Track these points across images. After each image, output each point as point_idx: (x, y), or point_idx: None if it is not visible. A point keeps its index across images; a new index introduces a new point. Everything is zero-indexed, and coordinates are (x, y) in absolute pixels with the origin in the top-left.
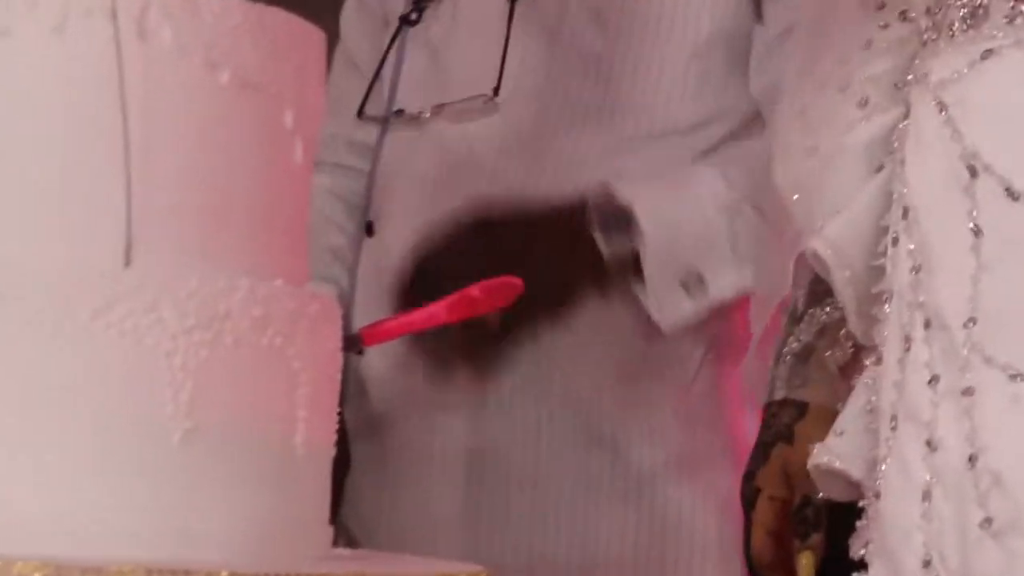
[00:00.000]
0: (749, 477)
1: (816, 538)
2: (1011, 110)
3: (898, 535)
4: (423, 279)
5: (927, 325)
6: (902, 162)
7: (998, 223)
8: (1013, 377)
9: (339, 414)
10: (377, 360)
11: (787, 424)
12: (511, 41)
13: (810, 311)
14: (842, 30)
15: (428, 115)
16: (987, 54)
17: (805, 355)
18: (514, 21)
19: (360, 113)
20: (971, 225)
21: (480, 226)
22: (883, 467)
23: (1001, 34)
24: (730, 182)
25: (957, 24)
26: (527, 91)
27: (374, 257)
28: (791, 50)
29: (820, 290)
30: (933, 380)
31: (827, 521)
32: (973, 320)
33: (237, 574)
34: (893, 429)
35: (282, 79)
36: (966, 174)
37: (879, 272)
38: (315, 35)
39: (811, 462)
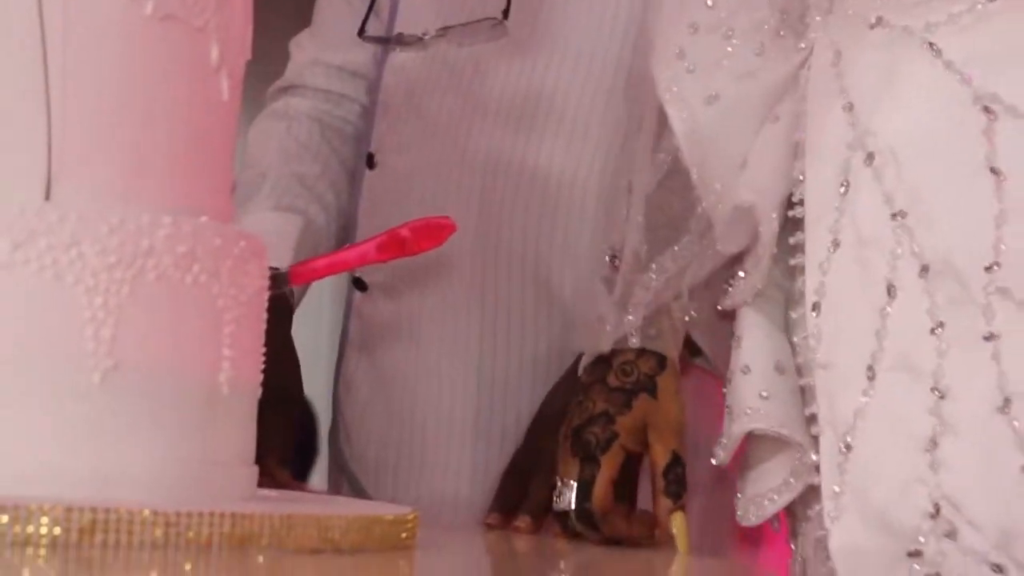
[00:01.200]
0: (608, 419)
1: (685, 498)
2: None
3: (890, 488)
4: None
5: (924, 272)
6: (848, 107)
7: None
8: None
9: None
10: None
11: (648, 375)
12: None
13: (657, 259)
14: None
15: (432, 36)
16: None
17: (655, 305)
18: None
19: (361, 33)
20: (990, 168)
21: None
22: (856, 420)
23: None
24: None
25: None
26: (535, 17)
27: (377, 191)
28: None
29: (661, 237)
30: (937, 327)
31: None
32: (997, 264)
33: (158, 513)
34: (871, 379)
35: (207, 12)
36: (982, 117)
37: (794, 223)
38: None
39: (741, 428)
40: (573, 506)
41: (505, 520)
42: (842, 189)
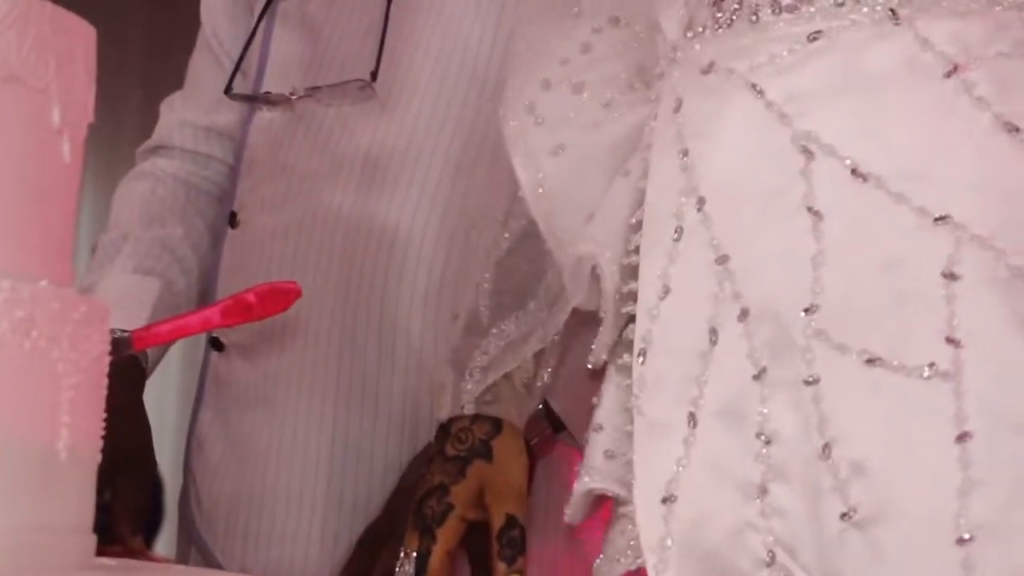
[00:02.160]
0: (443, 491)
1: (522, 561)
2: (851, 92)
3: (723, 536)
4: None
5: (744, 315)
6: (684, 153)
7: (842, 206)
8: (870, 362)
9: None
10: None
11: (483, 440)
12: (390, 20)
13: (499, 324)
14: (553, 32)
15: (299, 96)
16: (816, 36)
17: (495, 370)
18: (393, 1)
19: (227, 91)
20: (807, 208)
21: None
22: (679, 469)
23: (828, 16)
24: None
25: (764, 10)
26: (403, 79)
27: (238, 251)
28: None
29: (505, 303)
30: (761, 373)
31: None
32: (815, 307)
33: None
34: (692, 427)
35: (48, 74)
36: (800, 157)
37: (630, 271)
38: (84, 29)
39: (582, 487)
40: None
41: None
42: (675, 236)
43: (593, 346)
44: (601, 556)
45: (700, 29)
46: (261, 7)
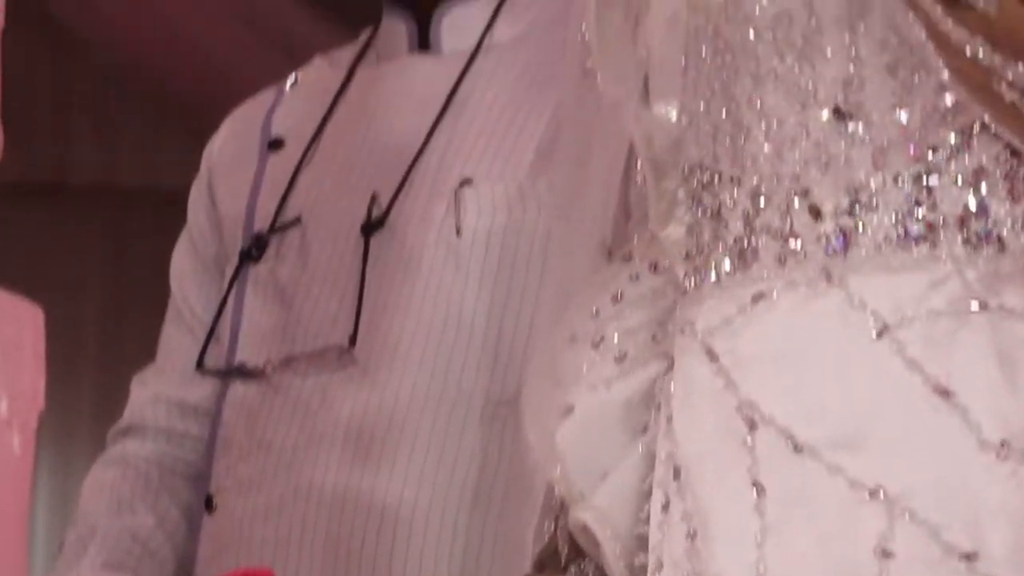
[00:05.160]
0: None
1: None
2: (787, 356)
3: None
4: None
5: None
6: (669, 418)
7: (782, 478)
8: None
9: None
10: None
11: None
12: (367, 281)
13: (576, 563)
14: (589, 280)
15: (275, 367)
16: (757, 297)
17: None
18: (370, 259)
19: (199, 365)
20: (752, 482)
21: None
22: None
23: (771, 275)
24: None
25: (726, 267)
26: (383, 341)
27: (217, 537)
28: (542, 298)
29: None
30: None
31: None
32: None
33: None
34: None
35: None
36: (743, 427)
37: (643, 541)
38: (31, 315)
39: None
40: None
41: None
42: (663, 506)
43: None
44: None
45: (687, 284)
46: (232, 273)
